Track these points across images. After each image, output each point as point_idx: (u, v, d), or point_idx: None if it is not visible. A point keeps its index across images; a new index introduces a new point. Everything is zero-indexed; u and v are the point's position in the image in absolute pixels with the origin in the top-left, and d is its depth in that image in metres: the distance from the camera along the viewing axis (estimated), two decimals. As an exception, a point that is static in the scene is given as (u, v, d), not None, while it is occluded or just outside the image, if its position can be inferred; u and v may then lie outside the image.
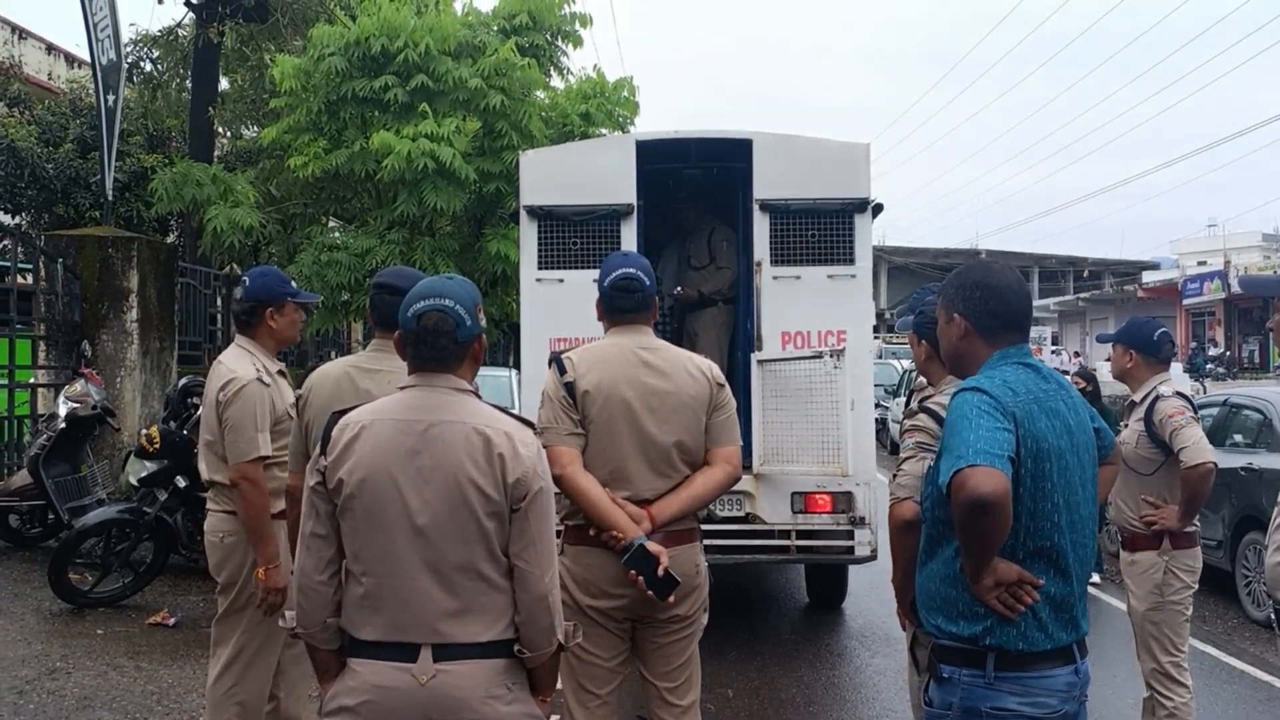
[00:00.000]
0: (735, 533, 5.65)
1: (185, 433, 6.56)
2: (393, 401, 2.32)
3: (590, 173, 6.00)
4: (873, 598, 7.39)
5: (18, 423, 8.52)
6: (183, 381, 7.13)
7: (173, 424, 6.71)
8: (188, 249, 12.88)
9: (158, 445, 6.39)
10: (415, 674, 2.19)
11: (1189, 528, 4.02)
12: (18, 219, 12.99)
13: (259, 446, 3.53)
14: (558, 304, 5.81)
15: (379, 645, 2.22)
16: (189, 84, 13.60)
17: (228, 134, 15.33)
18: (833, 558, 6.13)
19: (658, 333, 3.34)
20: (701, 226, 6.97)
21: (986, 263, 2.60)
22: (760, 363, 5.77)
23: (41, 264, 8.40)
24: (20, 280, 8.61)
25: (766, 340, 5.86)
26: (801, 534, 5.72)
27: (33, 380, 8.55)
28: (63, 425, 6.93)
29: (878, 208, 6.01)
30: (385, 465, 2.22)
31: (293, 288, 3.83)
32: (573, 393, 3.08)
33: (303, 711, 3.89)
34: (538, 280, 5.91)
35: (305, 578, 2.29)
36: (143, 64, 14.04)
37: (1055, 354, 34.03)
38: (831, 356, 5.33)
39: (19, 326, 8.43)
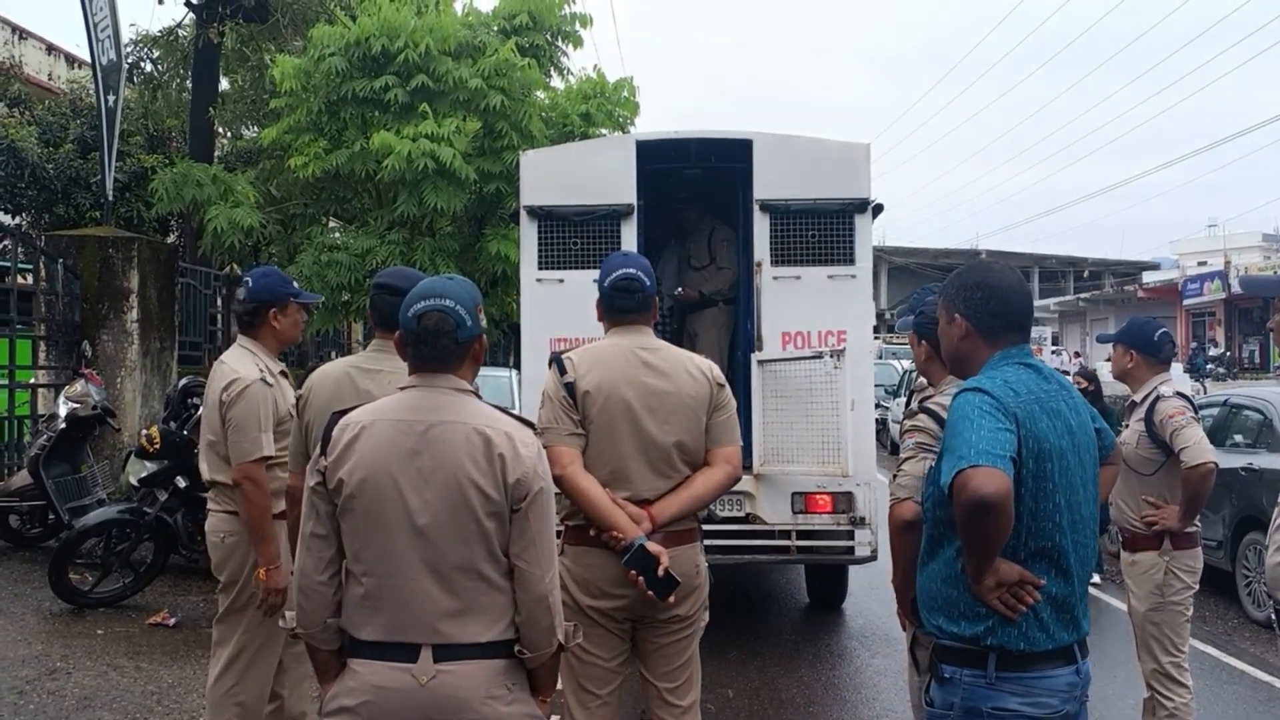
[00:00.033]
0: (735, 533, 5.64)
1: (185, 433, 6.56)
2: (393, 402, 2.32)
3: (590, 173, 6.00)
4: (873, 598, 7.39)
5: (18, 423, 8.52)
6: (183, 382, 7.14)
7: (173, 424, 6.71)
8: (188, 249, 12.87)
9: (158, 445, 6.40)
10: (415, 674, 2.19)
11: (1190, 528, 4.02)
12: (18, 219, 12.98)
13: (262, 447, 3.53)
14: (558, 304, 5.81)
15: (379, 645, 2.22)
16: (189, 84, 13.60)
17: (228, 134, 15.33)
18: (833, 558, 6.14)
19: (658, 333, 3.34)
20: (702, 227, 6.97)
21: (987, 263, 2.60)
22: (760, 363, 5.77)
23: (42, 264, 8.40)
24: (20, 280, 8.61)
25: (767, 340, 5.86)
26: (802, 534, 5.73)
27: (33, 380, 8.55)
28: (63, 425, 6.93)
29: (878, 208, 6.01)
30: (386, 465, 2.22)
31: (295, 288, 3.85)
32: (573, 393, 3.08)
33: (308, 710, 3.89)
34: (538, 280, 5.91)
35: (305, 578, 2.29)
36: (143, 64, 14.03)
37: (1055, 354, 33.98)
38: (832, 357, 5.33)
39: (19, 327, 8.43)
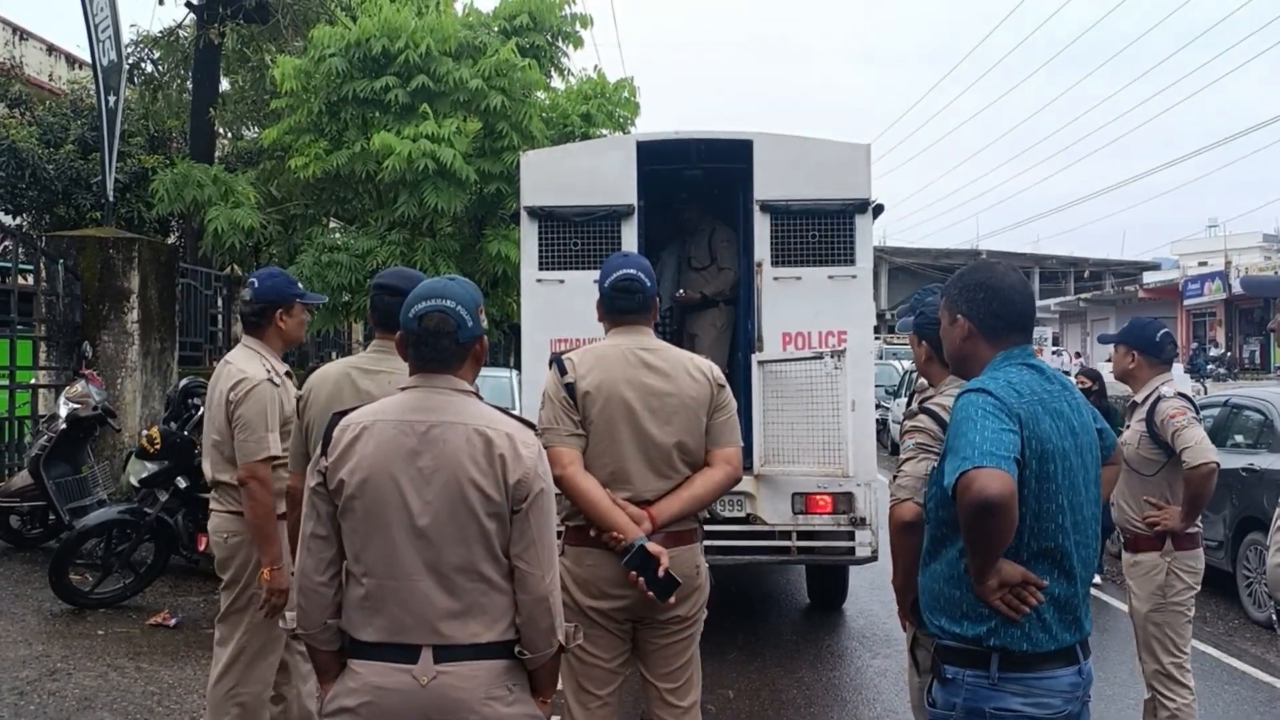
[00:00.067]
0: (736, 533, 5.64)
1: (186, 434, 6.56)
2: (394, 402, 2.32)
3: (591, 173, 5.99)
4: (873, 599, 7.39)
5: (18, 423, 8.52)
6: (183, 382, 7.13)
7: (173, 425, 6.71)
8: (188, 250, 12.87)
9: (158, 446, 6.40)
10: (416, 675, 2.18)
11: (1191, 529, 4.02)
12: (19, 220, 12.98)
13: (269, 446, 3.54)
14: (558, 305, 5.81)
15: (379, 646, 2.22)
16: (190, 85, 13.60)
17: (228, 135, 15.32)
18: (833, 558, 6.13)
19: (658, 333, 3.33)
20: (702, 227, 6.96)
21: (990, 264, 2.59)
22: (761, 363, 5.77)
23: (42, 265, 8.39)
24: (21, 281, 8.61)
25: (767, 341, 5.86)
26: (802, 535, 5.72)
27: (33, 381, 8.54)
28: (63, 426, 6.93)
29: (878, 208, 6.01)
30: (386, 466, 2.22)
31: (301, 289, 3.87)
32: (573, 393, 3.08)
33: (313, 710, 3.89)
34: (538, 281, 5.91)
35: (306, 579, 2.29)
36: (144, 65, 14.03)
37: (1056, 354, 34.01)
38: (832, 357, 5.33)
39: (20, 327, 8.43)
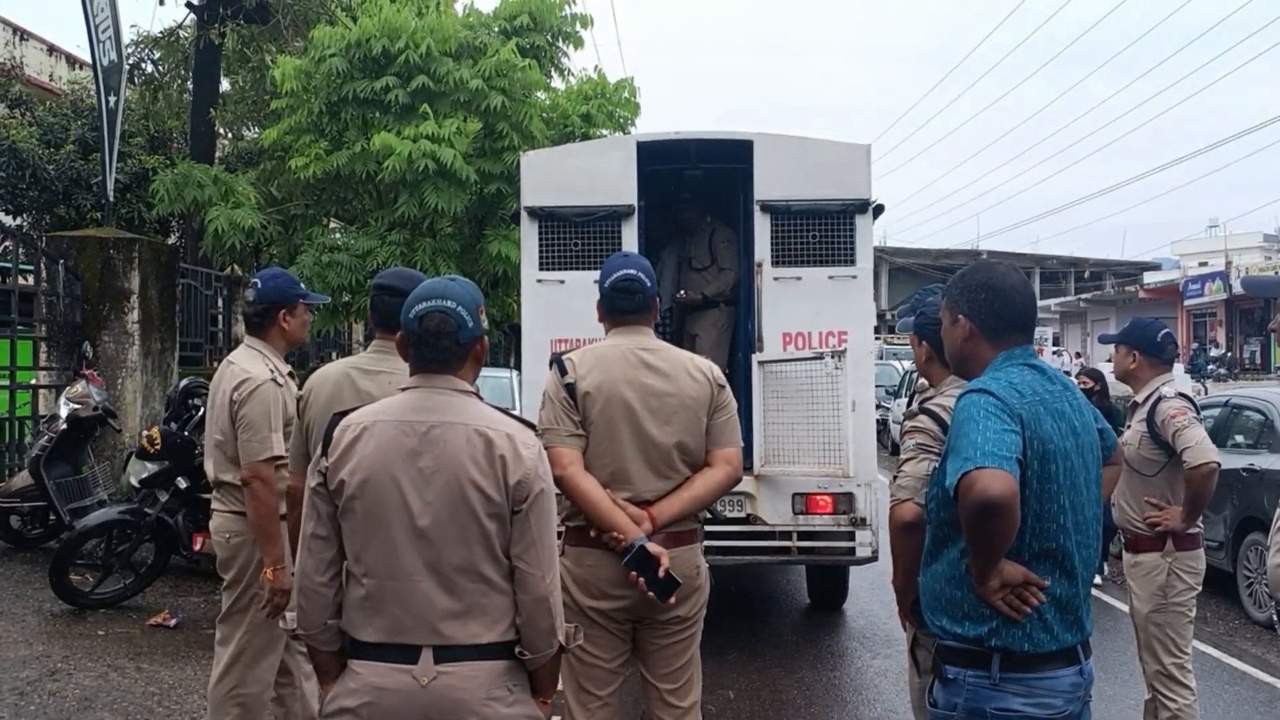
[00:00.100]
0: (736, 534, 5.64)
1: (186, 434, 6.56)
2: (394, 403, 2.32)
3: (591, 174, 5.99)
4: (874, 599, 7.39)
5: (19, 424, 8.52)
6: (184, 382, 7.13)
7: (174, 425, 6.71)
8: (189, 250, 12.87)
9: (159, 446, 6.40)
10: (416, 675, 2.18)
11: (1192, 529, 4.02)
12: (19, 220, 12.98)
13: (272, 446, 3.54)
14: (558, 305, 5.81)
15: (380, 647, 2.22)
16: (190, 85, 13.60)
17: (229, 135, 15.32)
18: (834, 559, 6.13)
19: (658, 334, 3.33)
20: (702, 227, 6.96)
21: (991, 264, 2.59)
22: (761, 364, 5.76)
23: (43, 265, 8.39)
24: (21, 281, 8.61)
25: (767, 341, 5.85)
26: (802, 535, 5.72)
27: (34, 381, 8.54)
28: (64, 426, 6.93)
29: (879, 209, 6.00)
30: (387, 466, 2.22)
31: (304, 289, 3.89)
32: (573, 394, 3.08)
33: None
34: (538, 281, 5.91)
35: (306, 579, 2.29)
36: (144, 65, 14.02)
37: (1056, 355, 33.98)
38: (832, 358, 5.33)
39: (20, 328, 8.43)
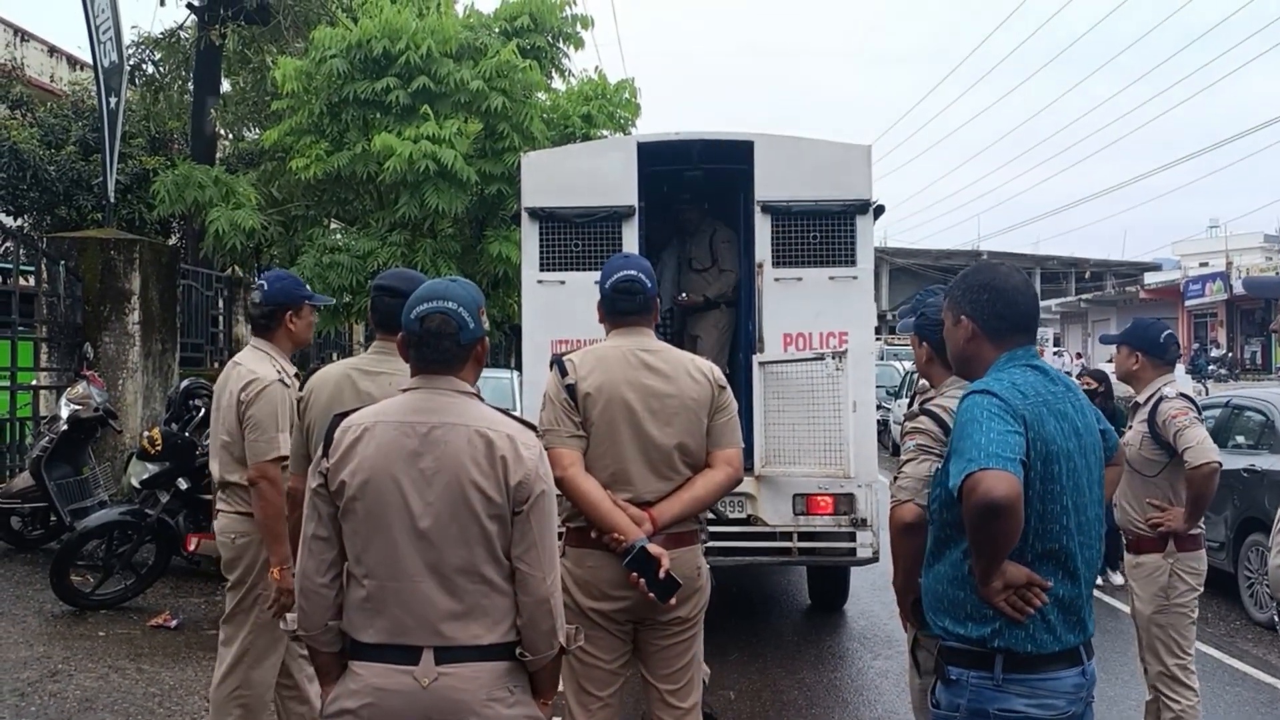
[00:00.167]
0: (737, 534, 5.63)
1: (187, 435, 6.56)
2: (395, 404, 2.32)
3: (591, 175, 5.99)
4: (874, 599, 7.38)
5: (20, 425, 8.52)
6: (185, 383, 7.14)
7: (174, 426, 6.71)
8: (189, 251, 12.87)
9: (159, 447, 6.40)
10: (417, 676, 2.18)
11: (1194, 530, 4.01)
12: (20, 221, 12.98)
13: (279, 446, 3.55)
14: (559, 306, 5.81)
15: (381, 648, 2.22)
16: (191, 86, 13.61)
17: (229, 136, 15.33)
18: (834, 559, 6.13)
19: (658, 335, 3.33)
20: (703, 228, 6.96)
21: (993, 264, 2.59)
22: (762, 365, 5.76)
23: (43, 266, 8.40)
24: (22, 282, 8.61)
25: (768, 342, 5.85)
26: (803, 536, 5.72)
27: (34, 382, 8.55)
28: (64, 427, 6.93)
29: (879, 209, 6.00)
30: (387, 467, 2.22)
31: (309, 291, 3.90)
32: (574, 395, 3.08)
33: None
34: (539, 282, 5.91)
35: (307, 580, 2.29)
36: (145, 66, 14.04)
37: (1057, 355, 33.97)
38: (833, 358, 5.32)
39: (21, 328, 8.43)
